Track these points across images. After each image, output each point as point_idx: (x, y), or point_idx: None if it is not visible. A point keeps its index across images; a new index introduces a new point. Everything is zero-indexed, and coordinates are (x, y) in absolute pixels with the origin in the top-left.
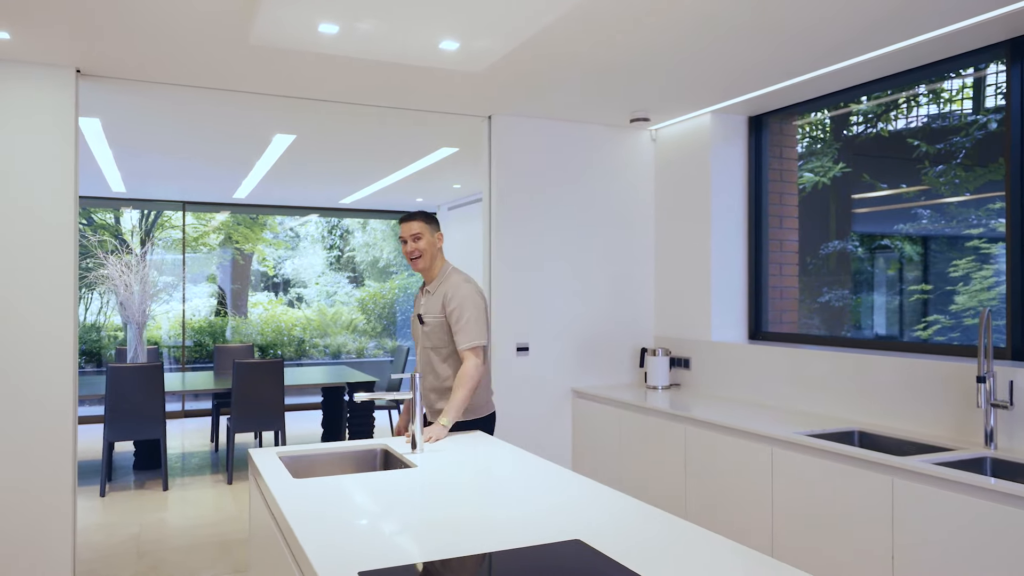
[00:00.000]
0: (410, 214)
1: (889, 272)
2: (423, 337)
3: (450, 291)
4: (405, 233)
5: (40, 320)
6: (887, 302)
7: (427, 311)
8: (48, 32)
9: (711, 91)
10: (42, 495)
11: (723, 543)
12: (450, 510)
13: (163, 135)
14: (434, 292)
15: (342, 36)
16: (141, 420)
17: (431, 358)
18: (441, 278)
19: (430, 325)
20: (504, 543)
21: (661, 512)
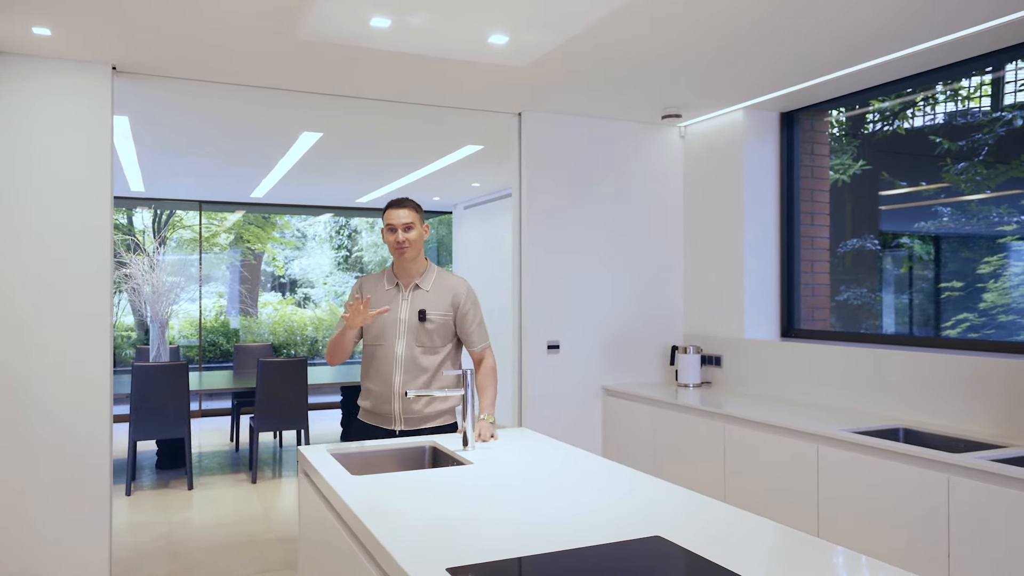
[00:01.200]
0: (400, 200)
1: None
2: (419, 336)
3: (459, 290)
4: (395, 221)
5: (75, 319)
6: (910, 300)
7: (431, 307)
8: (88, 28)
9: (745, 87)
10: (79, 494)
11: (802, 537)
12: (519, 507)
13: (189, 133)
14: (431, 289)
15: (393, 30)
16: (166, 419)
17: (425, 358)
18: (431, 275)
19: (435, 323)
20: (583, 540)
21: (734, 508)
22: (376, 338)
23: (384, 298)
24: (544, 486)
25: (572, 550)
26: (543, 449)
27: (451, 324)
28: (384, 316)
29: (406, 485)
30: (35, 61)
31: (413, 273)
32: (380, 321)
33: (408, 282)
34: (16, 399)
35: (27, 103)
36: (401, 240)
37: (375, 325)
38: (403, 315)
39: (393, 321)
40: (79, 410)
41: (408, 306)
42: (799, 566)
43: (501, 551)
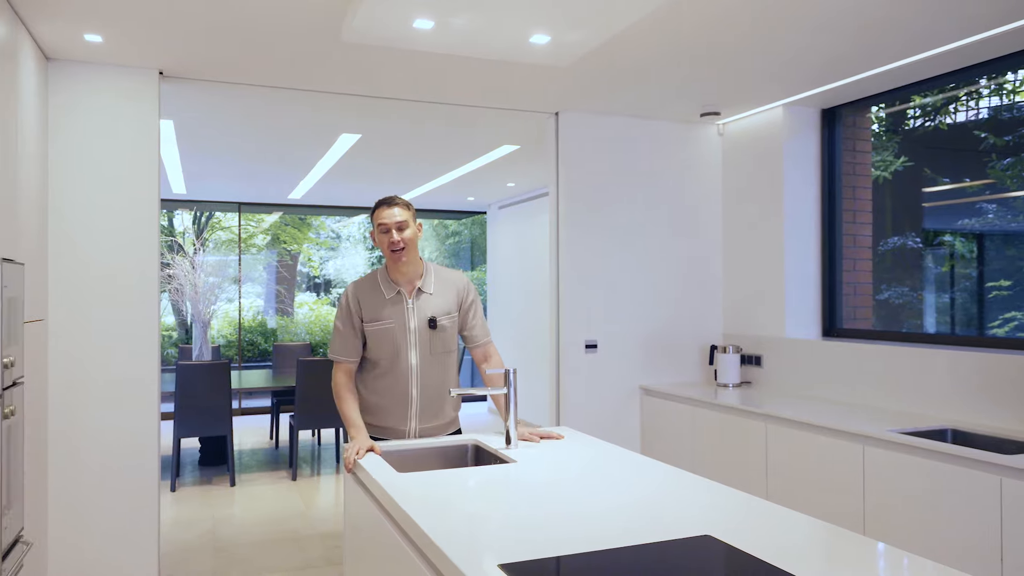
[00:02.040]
0: (390, 199)
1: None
2: (432, 343)
3: (458, 284)
4: (388, 221)
5: (124, 319)
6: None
7: (438, 313)
8: (137, 35)
9: (785, 84)
10: (129, 490)
11: (852, 537)
12: (565, 504)
13: (232, 136)
14: (433, 291)
15: (436, 31)
16: (209, 417)
17: (440, 364)
18: (430, 275)
19: (446, 328)
20: (632, 538)
21: (782, 507)
22: (386, 352)
23: (386, 308)
24: (589, 483)
25: (622, 548)
26: (585, 447)
27: (457, 324)
28: (393, 328)
29: (452, 482)
30: (86, 67)
31: (412, 276)
32: (390, 334)
33: (409, 287)
34: (70, 398)
35: (78, 107)
36: (396, 240)
37: (385, 338)
38: (412, 324)
39: (403, 332)
40: (128, 409)
41: (415, 314)
42: (853, 565)
43: (551, 549)
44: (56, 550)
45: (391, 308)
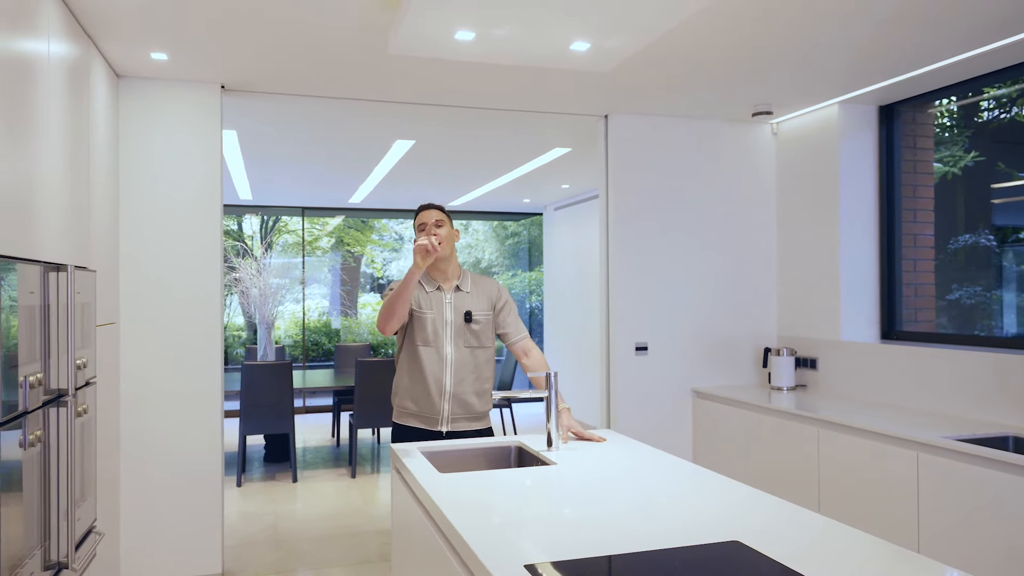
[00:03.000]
0: (428, 204)
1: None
2: (467, 337)
3: (491, 288)
4: (426, 220)
5: (190, 321)
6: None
7: (475, 308)
8: (200, 52)
9: (840, 81)
10: (194, 485)
11: (886, 547)
12: (601, 507)
13: (291, 144)
14: (470, 291)
15: (477, 42)
16: (272, 415)
17: (473, 358)
18: (467, 277)
19: (481, 323)
20: (661, 542)
21: (818, 515)
22: (425, 340)
23: (427, 300)
24: (625, 487)
25: (648, 551)
26: (626, 451)
27: (491, 324)
28: (433, 318)
29: (491, 483)
30: (153, 83)
31: (451, 275)
32: (429, 323)
33: (448, 285)
34: (139, 397)
35: (146, 121)
36: (434, 235)
37: (426, 326)
38: (449, 317)
39: (441, 323)
40: (193, 407)
41: (452, 308)
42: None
43: (578, 550)
44: (127, 540)
45: (432, 301)
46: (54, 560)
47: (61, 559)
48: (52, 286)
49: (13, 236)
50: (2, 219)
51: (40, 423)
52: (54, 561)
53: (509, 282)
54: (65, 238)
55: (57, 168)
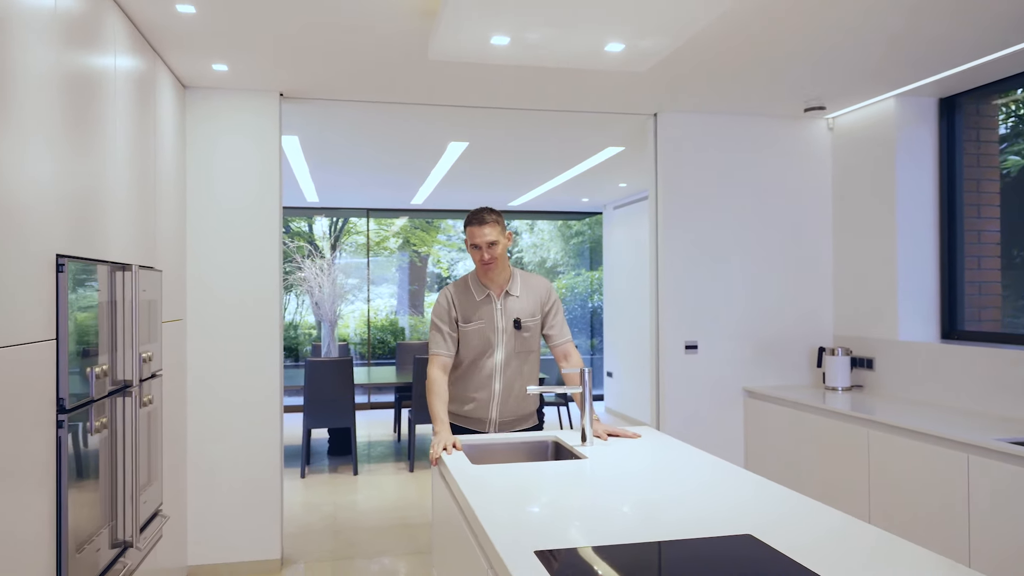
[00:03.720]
0: (480, 215)
1: None
2: (516, 342)
3: (541, 289)
4: (479, 240)
5: (251, 320)
6: None
7: (523, 315)
8: (259, 63)
9: (897, 73)
10: (256, 475)
11: (899, 543)
12: (620, 499)
13: (351, 148)
14: (519, 295)
15: (512, 46)
16: (335, 409)
17: (522, 362)
18: (516, 280)
19: (529, 329)
20: (673, 533)
21: (834, 510)
22: (473, 349)
23: (478, 308)
24: (648, 480)
25: (658, 542)
26: (658, 447)
27: (539, 325)
28: (483, 327)
29: (518, 475)
30: (216, 92)
31: (501, 282)
32: (482, 333)
33: (498, 291)
34: (204, 390)
35: (210, 128)
36: (487, 259)
37: (477, 337)
38: (500, 324)
39: (492, 330)
40: (254, 401)
41: (503, 315)
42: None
43: (590, 539)
44: (194, 524)
45: (482, 309)
46: (120, 539)
47: (127, 538)
48: (118, 284)
49: (82, 238)
50: (72, 222)
51: (106, 411)
52: (120, 540)
53: (572, 281)
54: (131, 239)
55: (123, 174)
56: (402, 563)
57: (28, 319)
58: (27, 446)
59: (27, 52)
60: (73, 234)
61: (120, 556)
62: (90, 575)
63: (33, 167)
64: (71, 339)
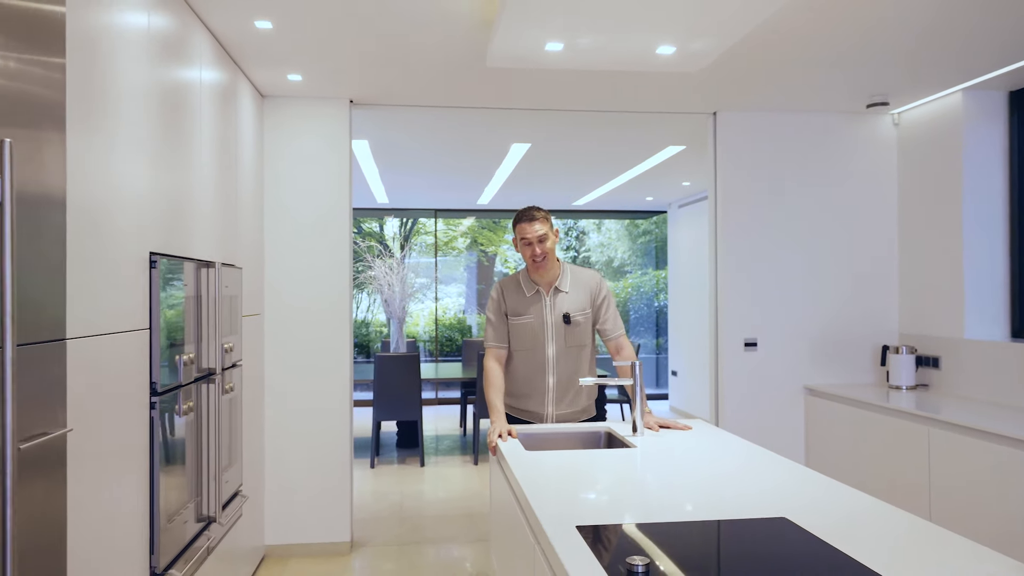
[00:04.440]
0: (529, 212)
1: None
2: (567, 336)
3: (591, 283)
4: (530, 236)
5: (324, 314)
6: None
7: (572, 309)
8: (330, 72)
9: (962, 66)
10: (327, 465)
11: (929, 527)
12: (662, 483)
13: (417, 151)
14: (569, 290)
15: (566, 52)
16: (402, 403)
17: (574, 356)
18: (566, 275)
19: (580, 324)
20: (710, 515)
21: (870, 497)
22: (526, 344)
23: (527, 304)
24: (691, 467)
25: (691, 522)
26: (706, 437)
27: (591, 319)
28: (533, 323)
29: (568, 460)
30: (291, 100)
31: (550, 278)
32: (530, 328)
33: (547, 287)
34: (280, 379)
35: (285, 134)
36: (538, 253)
37: (525, 332)
38: (549, 319)
39: (541, 326)
40: (326, 392)
41: (552, 310)
42: (928, 559)
43: (629, 517)
44: (271, 506)
45: (532, 305)
46: (205, 514)
47: (210, 514)
48: (203, 280)
49: (171, 237)
50: (163, 223)
51: (192, 396)
52: (205, 515)
53: (639, 280)
54: (214, 239)
55: (208, 178)
56: (465, 549)
57: (126, 310)
58: (125, 425)
59: (126, 68)
60: (164, 234)
61: (204, 530)
62: (178, 545)
63: (130, 173)
64: (162, 329)
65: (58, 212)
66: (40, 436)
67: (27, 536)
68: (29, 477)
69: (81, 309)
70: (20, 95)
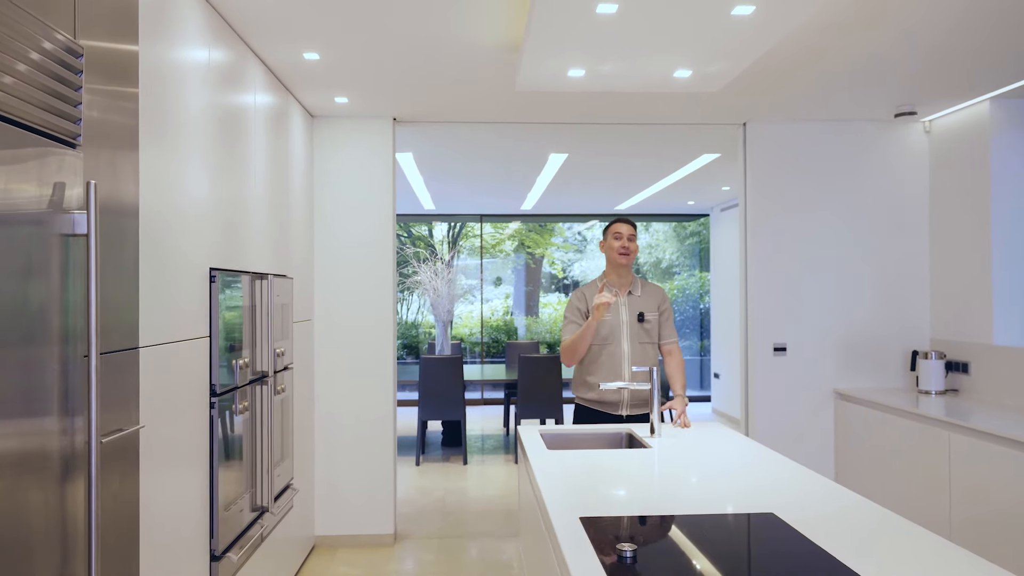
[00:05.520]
0: (624, 217)
1: None
2: (639, 334)
3: (657, 293)
4: (623, 231)
5: (368, 319)
6: None
7: (646, 310)
8: (374, 95)
9: (989, 76)
10: (372, 461)
11: (910, 527)
12: (666, 480)
13: (459, 161)
14: (640, 293)
15: (587, 77)
16: (446, 403)
17: (644, 352)
18: (637, 283)
19: (651, 323)
20: (702, 508)
21: (858, 496)
22: (605, 339)
23: (611, 307)
24: (697, 467)
25: (684, 515)
26: (724, 440)
27: (658, 322)
28: (611, 320)
29: (584, 459)
30: (339, 120)
31: (625, 283)
32: (608, 325)
33: (623, 290)
34: (329, 382)
35: (333, 151)
36: (627, 247)
37: (604, 328)
38: (625, 318)
39: (618, 324)
40: (372, 392)
41: (627, 310)
42: (907, 558)
43: (629, 510)
44: (320, 499)
45: (612, 306)
46: (259, 504)
47: (264, 504)
48: (257, 290)
49: (229, 252)
50: (222, 239)
51: (247, 397)
52: (259, 505)
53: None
54: (267, 251)
55: (262, 195)
56: (502, 543)
57: (188, 320)
58: (189, 423)
59: (188, 95)
60: (223, 249)
61: (258, 519)
62: (234, 531)
63: (193, 194)
64: (220, 336)
65: (131, 236)
66: (117, 432)
67: (107, 517)
68: (108, 468)
69: (152, 320)
70: (102, 121)
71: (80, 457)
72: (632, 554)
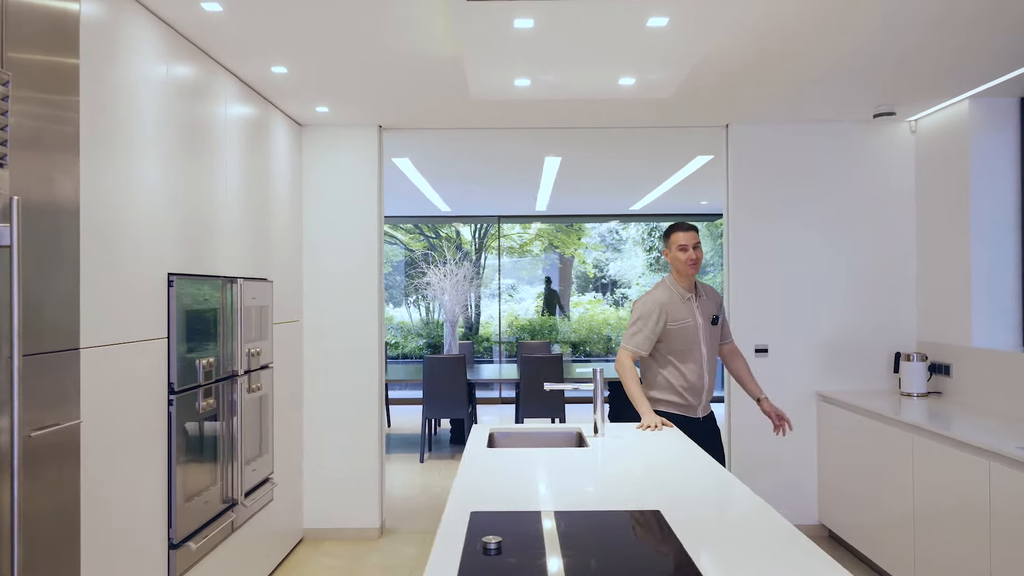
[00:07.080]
0: (687, 224)
1: None
2: (713, 336)
3: (716, 295)
4: (689, 241)
5: (355, 319)
6: None
7: (713, 312)
8: (357, 104)
9: (970, 73)
10: (360, 457)
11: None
12: (581, 478)
13: (458, 164)
14: (707, 297)
15: (534, 87)
16: (449, 402)
17: (716, 353)
18: (700, 286)
19: (719, 324)
20: (592, 505)
21: (758, 498)
22: (682, 345)
23: (684, 310)
24: (619, 466)
25: (572, 511)
26: (667, 442)
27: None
28: (690, 324)
29: (517, 457)
30: (325, 128)
31: (691, 285)
32: (688, 330)
33: (695, 293)
34: (317, 380)
35: (320, 159)
36: (695, 257)
37: (685, 334)
38: (699, 320)
39: (695, 327)
40: (358, 390)
41: (700, 313)
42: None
43: (521, 505)
44: (308, 491)
45: (688, 309)
46: (229, 497)
47: (234, 497)
48: (226, 294)
49: (191, 257)
50: (182, 244)
51: (214, 395)
52: (229, 497)
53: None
54: (240, 256)
55: (235, 202)
56: None
57: (145, 322)
58: (145, 419)
59: (143, 107)
60: (186, 252)
61: (227, 511)
62: (197, 522)
63: (148, 199)
64: (181, 337)
65: (72, 240)
66: (52, 426)
67: (43, 506)
68: (42, 462)
69: (101, 321)
70: (37, 129)
71: (6, 453)
72: (496, 546)
